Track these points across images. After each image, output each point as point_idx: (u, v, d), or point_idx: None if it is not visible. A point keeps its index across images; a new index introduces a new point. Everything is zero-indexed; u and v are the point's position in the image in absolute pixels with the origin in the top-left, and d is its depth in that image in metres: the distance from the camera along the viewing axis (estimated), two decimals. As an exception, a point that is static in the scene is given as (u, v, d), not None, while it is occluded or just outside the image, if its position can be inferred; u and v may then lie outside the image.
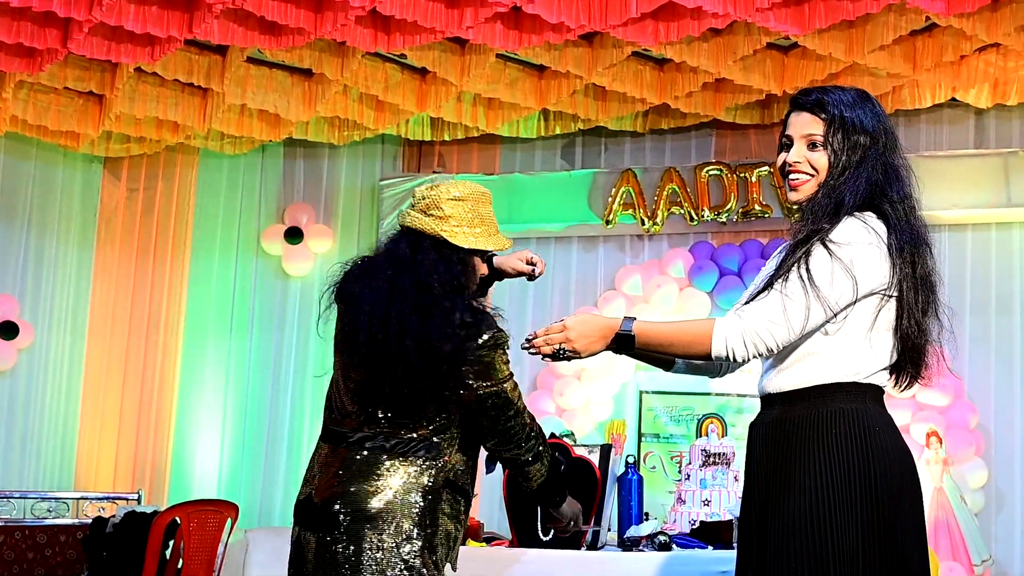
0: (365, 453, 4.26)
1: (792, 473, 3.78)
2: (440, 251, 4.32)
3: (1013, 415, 10.85)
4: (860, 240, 3.78)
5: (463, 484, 4.33)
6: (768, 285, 3.84)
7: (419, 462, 4.24)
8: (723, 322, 3.85)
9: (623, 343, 3.93)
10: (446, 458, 4.27)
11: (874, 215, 3.85)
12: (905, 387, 3.99)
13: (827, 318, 3.77)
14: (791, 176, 3.99)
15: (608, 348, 3.98)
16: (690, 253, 11.59)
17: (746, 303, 3.93)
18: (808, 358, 3.83)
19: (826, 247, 3.77)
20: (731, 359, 3.86)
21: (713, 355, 3.84)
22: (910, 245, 3.84)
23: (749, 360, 3.89)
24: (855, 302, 3.78)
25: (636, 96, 10.68)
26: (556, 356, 3.93)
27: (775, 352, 3.83)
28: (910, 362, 3.91)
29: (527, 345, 3.98)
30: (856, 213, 3.83)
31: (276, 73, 10.76)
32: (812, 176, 3.94)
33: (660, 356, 4.14)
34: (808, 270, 3.75)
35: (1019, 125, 11.22)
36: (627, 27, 9.00)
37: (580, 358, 3.96)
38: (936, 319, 3.93)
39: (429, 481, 4.23)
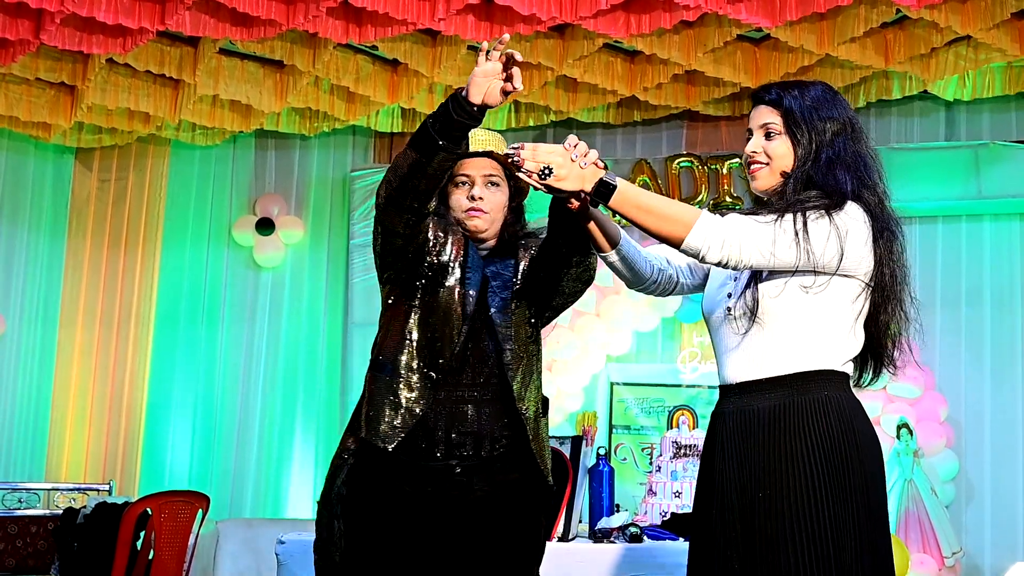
0: None
1: (781, 461, 3.77)
2: None
3: (983, 407, 10.90)
4: (857, 217, 3.79)
5: (382, 359, 4.26)
6: (763, 212, 3.83)
7: None
8: (709, 217, 3.76)
9: (602, 191, 3.77)
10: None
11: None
12: (871, 379, 4.00)
13: (804, 268, 3.76)
14: (750, 166, 3.99)
15: (585, 195, 3.82)
16: (661, 245, 11.55)
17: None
18: (785, 346, 3.83)
19: (828, 212, 3.76)
20: (698, 257, 3.77)
21: (684, 244, 3.75)
22: (883, 237, 3.86)
23: (713, 264, 3.80)
24: (832, 275, 3.78)
25: (607, 88, 10.70)
26: (538, 174, 3.73)
27: (740, 269, 3.82)
28: (876, 352, 3.94)
29: (511, 154, 3.76)
30: None
31: (248, 64, 10.76)
32: (766, 164, 3.95)
33: (624, 221, 3.95)
34: (806, 221, 3.74)
35: (989, 117, 11.26)
36: (598, 19, 9.02)
37: (559, 192, 3.79)
38: (902, 312, 3.95)
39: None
